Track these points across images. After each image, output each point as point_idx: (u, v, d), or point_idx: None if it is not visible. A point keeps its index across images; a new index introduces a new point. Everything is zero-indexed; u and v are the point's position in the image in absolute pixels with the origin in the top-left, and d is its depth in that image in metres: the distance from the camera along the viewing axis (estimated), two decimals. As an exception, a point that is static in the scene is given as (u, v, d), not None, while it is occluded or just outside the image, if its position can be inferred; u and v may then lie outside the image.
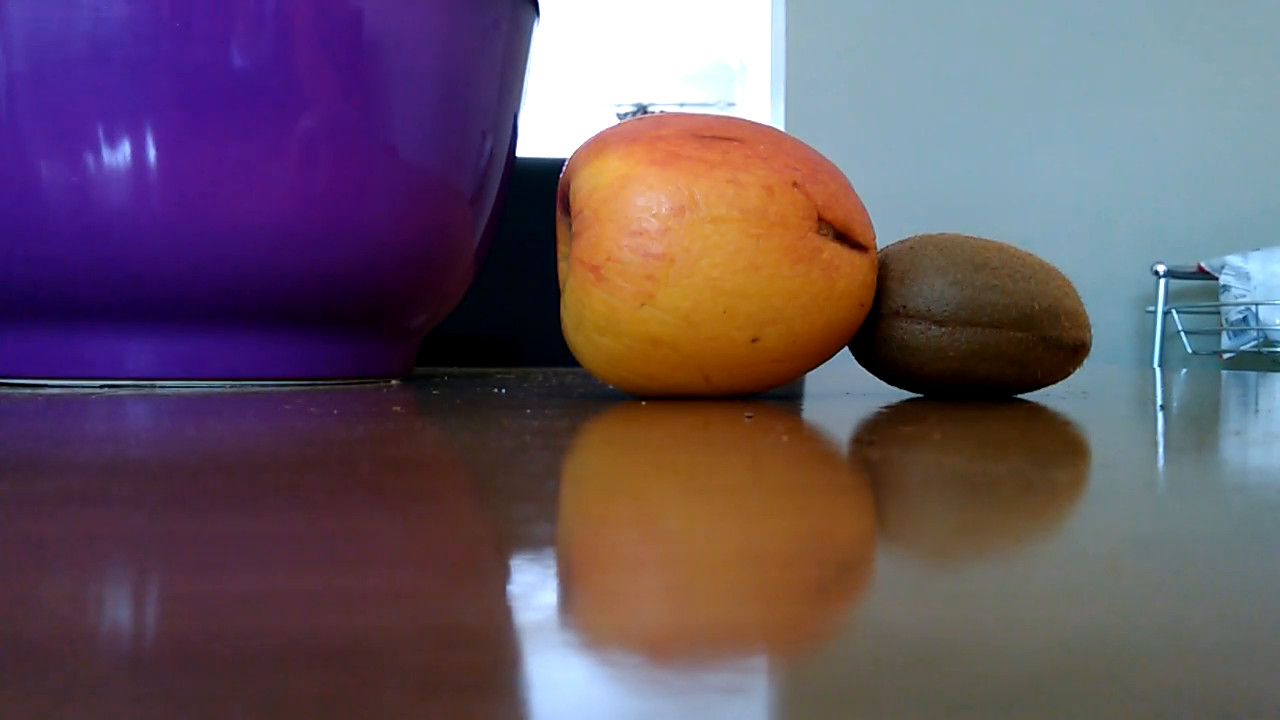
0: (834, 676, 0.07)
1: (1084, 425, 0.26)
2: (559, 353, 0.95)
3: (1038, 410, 0.32)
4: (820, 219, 0.33)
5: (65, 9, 0.38)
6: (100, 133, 0.39)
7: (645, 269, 0.32)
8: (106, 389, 0.40)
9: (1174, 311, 1.80)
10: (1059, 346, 0.36)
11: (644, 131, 0.33)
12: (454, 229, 0.47)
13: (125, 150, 0.39)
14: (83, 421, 0.26)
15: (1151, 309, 1.84)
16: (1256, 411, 0.32)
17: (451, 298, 0.50)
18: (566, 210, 0.36)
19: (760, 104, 2.04)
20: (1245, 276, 1.69)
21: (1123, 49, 1.93)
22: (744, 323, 0.32)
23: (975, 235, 0.67)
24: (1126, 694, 0.07)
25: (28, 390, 0.39)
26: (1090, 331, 0.37)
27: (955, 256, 0.36)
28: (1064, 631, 0.08)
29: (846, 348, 1.03)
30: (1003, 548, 0.11)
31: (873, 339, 0.36)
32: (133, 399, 0.34)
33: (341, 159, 0.41)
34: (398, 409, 0.30)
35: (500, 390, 0.41)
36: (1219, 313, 1.77)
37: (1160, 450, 0.21)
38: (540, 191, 0.96)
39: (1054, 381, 0.37)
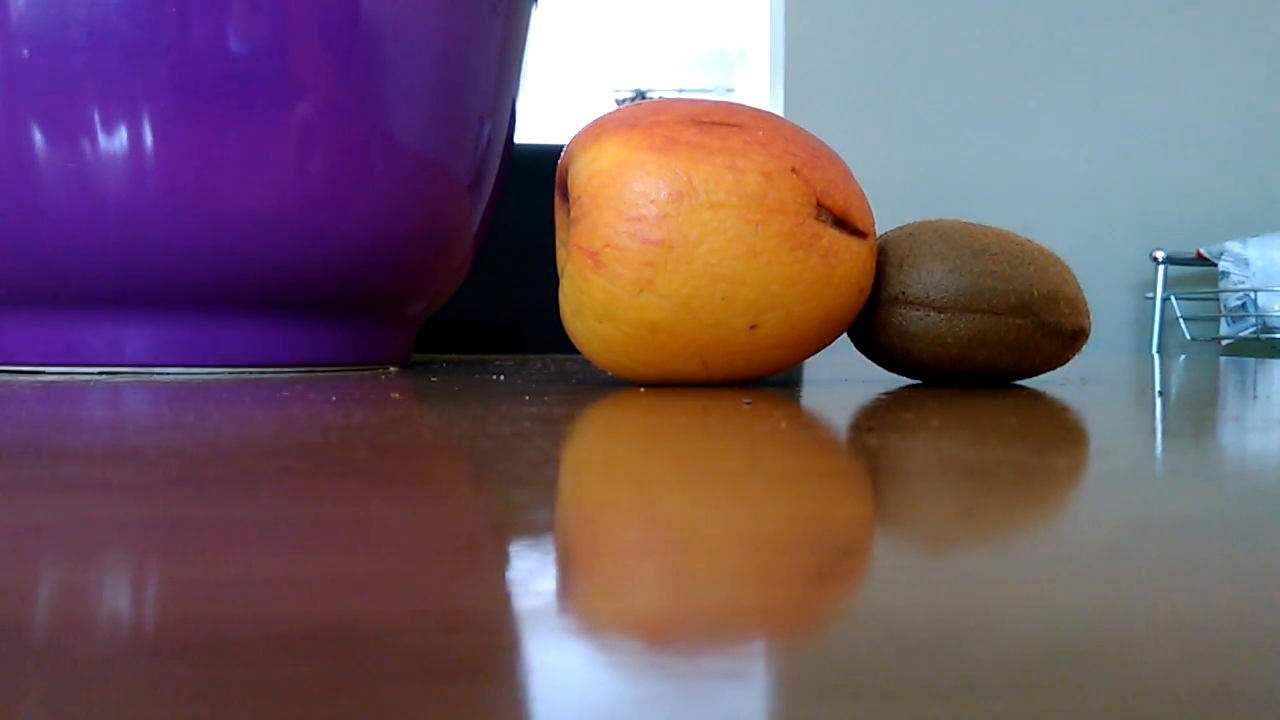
0: (832, 661, 0.07)
1: (1082, 411, 0.26)
2: (558, 339, 0.95)
3: (1036, 396, 0.32)
4: (819, 205, 0.33)
5: (61, -6, 0.38)
6: (98, 119, 0.39)
7: (644, 255, 0.32)
8: (105, 375, 0.40)
9: (1173, 298, 1.80)
10: (1058, 333, 0.36)
11: (642, 117, 0.33)
12: (452, 215, 0.47)
13: (123, 137, 0.39)
14: (81, 408, 0.26)
15: (1150, 295, 1.84)
16: (1255, 397, 0.32)
17: (450, 284, 0.50)
18: (565, 196, 0.36)
19: (759, 89, 2.04)
20: (1244, 263, 1.69)
21: (1121, 35, 1.93)
22: (743, 309, 0.32)
23: (974, 221, 0.67)
24: (1124, 679, 0.07)
25: (26, 377, 0.39)
26: (1089, 318, 0.37)
27: (954, 243, 0.36)
28: (1062, 617, 0.08)
29: (845, 334, 1.03)
30: (1001, 533, 0.11)
31: (871, 325, 0.36)
32: (131, 385, 0.34)
33: (339, 145, 0.41)
34: (396, 395, 0.30)
35: (499, 377, 0.41)
36: (1218, 299, 1.77)
37: (1159, 436, 0.21)
38: (539, 177, 0.96)
39: (1053, 368, 0.37)
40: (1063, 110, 1.92)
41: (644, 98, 4.01)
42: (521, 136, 4.32)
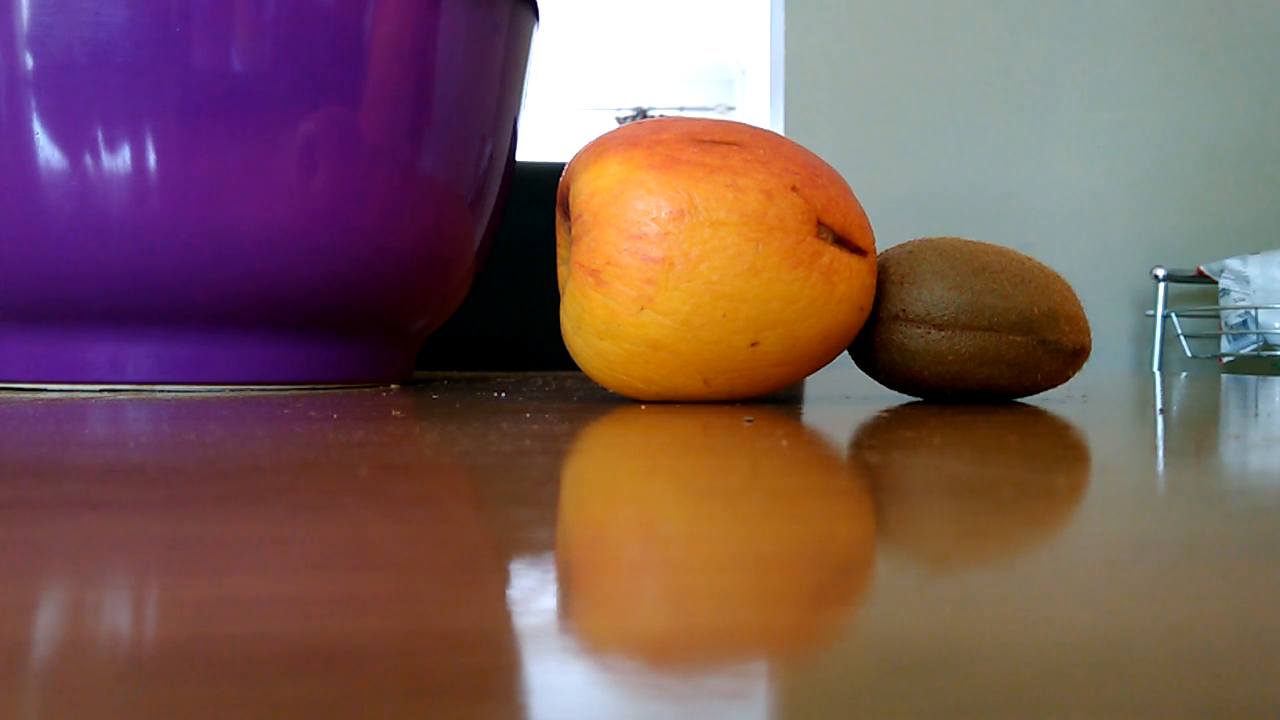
0: (833, 681, 0.07)
1: (1083, 429, 0.26)
2: (559, 356, 0.95)
3: (1037, 414, 0.32)
4: (819, 223, 0.33)
5: (66, 14, 0.38)
6: (101, 137, 0.39)
7: (645, 273, 0.32)
8: (106, 393, 0.40)
9: (1173, 315, 1.80)
10: (1058, 350, 0.36)
11: (643, 136, 0.34)
12: (454, 233, 0.47)
13: (126, 155, 0.39)
14: (83, 426, 0.26)
15: (1151, 313, 1.85)
16: (1256, 415, 0.32)
17: (451, 301, 0.50)
18: (566, 214, 0.36)
19: (759, 108, 2.04)
20: (1244, 280, 1.69)
21: (1121, 53, 1.93)
22: (743, 326, 0.32)
23: (974, 239, 0.67)
24: (1126, 699, 0.07)
25: (28, 394, 0.39)
26: (1090, 335, 0.37)
27: (955, 260, 0.36)
28: (1063, 636, 0.08)
29: (846, 352, 1.03)
30: (1002, 552, 0.11)
31: (872, 343, 0.36)
32: (133, 403, 0.34)
33: (341, 163, 0.41)
34: (397, 413, 0.30)
35: (500, 394, 0.41)
36: (1218, 316, 1.77)
37: (1160, 454, 0.21)
38: (540, 195, 0.96)
39: (1053, 385, 0.37)
40: (1062, 127, 1.93)
41: (645, 116, 4.03)
42: (523, 155, 4.34)
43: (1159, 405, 0.37)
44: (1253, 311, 1.69)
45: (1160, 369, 1.82)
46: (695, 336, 0.32)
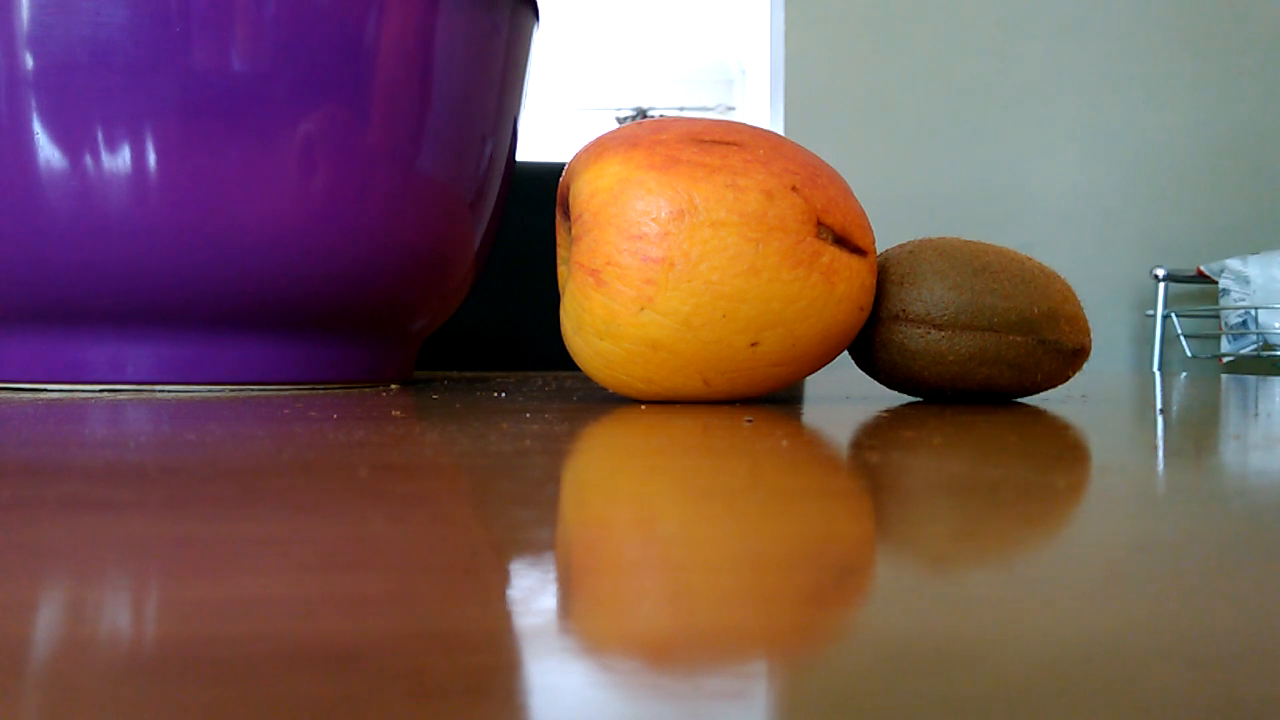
0: (833, 681, 0.07)
1: (1083, 429, 0.26)
2: (559, 356, 0.95)
3: (1037, 414, 0.32)
4: (819, 223, 0.33)
5: (66, 14, 0.38)
6: (101, 137, 0.39)
7: (645, 273, 0.32)
8: (106, 393, 0.40)
9: (1173, 315, 1.80)
10: (1058, 351, 0.36)
11: (644, 136, 0.34)
12: (454, 233, 0.47)
13: (126, 155, 0.39)
14: (82, 426, 0.26)
15: (1151, 313, 1.85)
16: (1256, 415, 0.32)
17: (451, 302, 0.50)
18: (566, 214, 0.36)
19: (759, 108, 2.04)
20: (1245, 280, 1.69)
21: (1121, 53, 1.93)
22: (743, 326, 0.32)
23: (974, 239, 0.67)
24: (1126, 700, 0.07)
25: (28, 394, 0.39)
26: (1090, 336, 0.37)
27: (955, 260, 0.36)
28: (1063, 637, 0.08)
29: (846, 352, 1.03)
30: (1002, 553, 0.11)
31: (872, 343, 0.36)
32: (132, 403, 0.34)
33: (341, 164, 0.41)
34: (397, 413, 0.30)
35: (500, 394, 0.41)
36: (1218, 316, 1.77)
37: (1160, 454, 0.21)
38: (540, 195, 0.96)
39: (1053, 385, 0.37)
40: (1063, 127, 1.93)
41: (645, 116, 4.03)
42: (523, 155, 4.33)
43: (1159, 405, 0.37)
44: (1253, 311, 1.69)
45: (1160, 369, 1.82)
46: (695, 336, 0.32)
